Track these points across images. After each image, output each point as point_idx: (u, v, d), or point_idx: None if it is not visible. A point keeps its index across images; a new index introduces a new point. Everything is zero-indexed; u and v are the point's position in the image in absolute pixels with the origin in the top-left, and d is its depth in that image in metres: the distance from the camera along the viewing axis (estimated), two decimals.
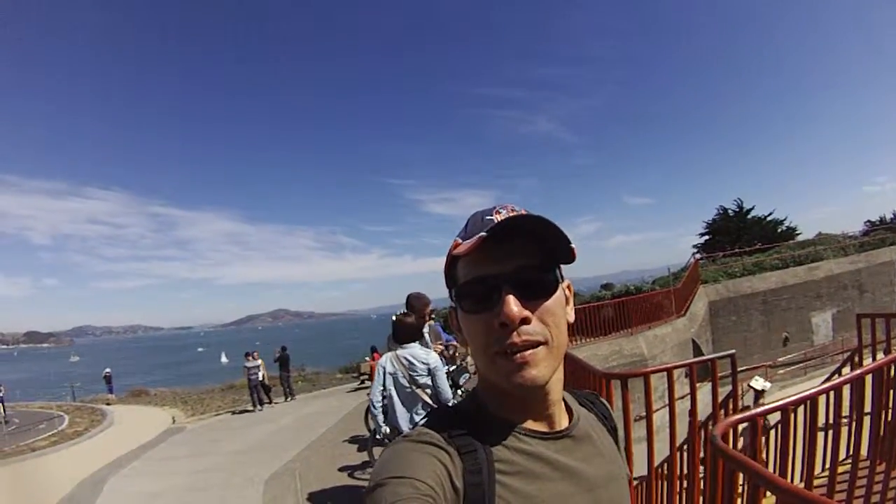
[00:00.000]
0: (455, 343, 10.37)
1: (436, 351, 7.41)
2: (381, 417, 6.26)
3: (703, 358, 4.60)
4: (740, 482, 2.60)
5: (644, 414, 4.26)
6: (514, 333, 0.92)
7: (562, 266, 1.05)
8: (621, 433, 1.30)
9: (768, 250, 27.50)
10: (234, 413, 20.69)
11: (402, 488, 0.82)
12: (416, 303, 7.03)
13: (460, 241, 1.01)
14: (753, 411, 2.96)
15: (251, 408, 20.35)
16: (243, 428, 17.11)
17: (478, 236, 0.92)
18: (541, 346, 0.94)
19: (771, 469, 5.49)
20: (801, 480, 3.41)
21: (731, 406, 4.99)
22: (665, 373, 4.30)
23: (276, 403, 21.20)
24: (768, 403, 3.00)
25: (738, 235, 34.26)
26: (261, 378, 20.50)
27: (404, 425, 5.70)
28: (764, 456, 5.67)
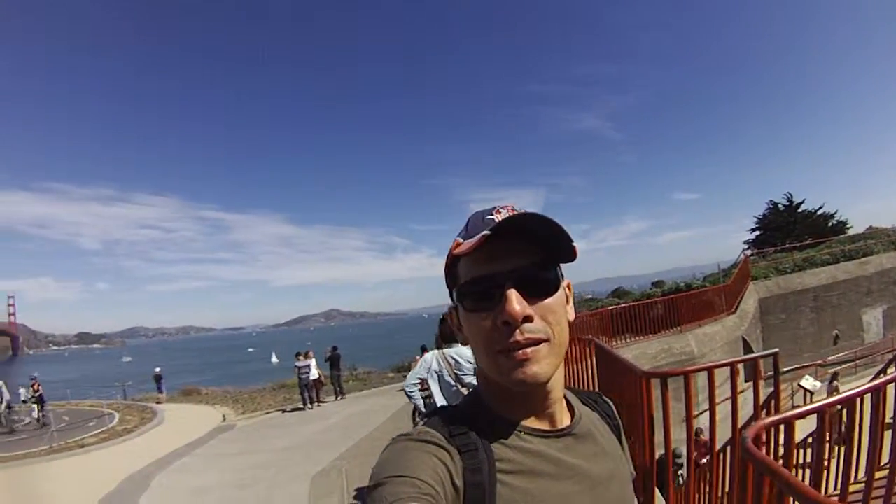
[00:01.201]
0: None
1: None
2: (417, 394, 6.37)
3: (744, 357, 4.53)
4: (770, 488, 2.58)
5: (695, 413, 4.20)
6: (517, 331, 0.94)
7: (563, 265, 1.07)
8: (659, 435, 1.27)
9: (818, 245, 27.29)
10: (284, 411, 21.11)
11: (402, 487, 0.84)
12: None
13: (461, 240, 1.03)
14: (787, 413, 2.92)
15: (301, 406, 20.71)
16: (292, 426, 17.42)
17: (480, 235, 0.94)
18: (542, 344, 0.96)
19: (807, 474, 5.35)
20: (835, 488, 3.31)
21: (772, 407, 4.86)
22: (707, 372, 4.22)
23: (325, 402, 21.57)
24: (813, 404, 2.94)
25: (788, 230, 33.99)
26: (315, 377, 20.84)
27: None
28: (802, 460, 5.51)
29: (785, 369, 17.90)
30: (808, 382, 11.52)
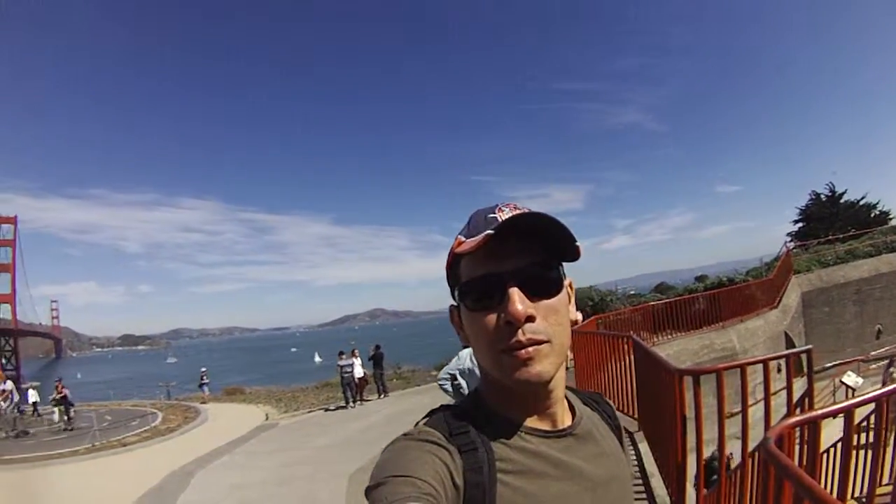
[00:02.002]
0: None
1: None
2: (448, 387, 6.54)
3: (777, 354, 4.44)
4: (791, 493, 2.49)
5: (737, 410, 4.13)
6: (519, 331, 0.94)
7: (566, 264, 1.07)
8: (692, 434, 1.23)
9: (861, 236, 26.71)
10: (326, 410, 21.44)
11: (402, 487, 0.84)
12: None
13: (463, 238, 1.03)
14: (812, 413, 2.89)
15: (344, 405, 20.96)
16: (334, 424, 17.66)
17: (483, 234, 0.95)
18: (545, 344, 0.96)
19: (832, 479, 5.17)
20: (860, 493, 3.23)
21: (806, 405, 4.75)
22: (740, 369, 4.15)
23: (368, 400, 21.84)
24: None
25: (831, 222, 33.33)
26: (359, 375, 21.06)
27: None
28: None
29: (828, 364, 17.72)
30: (850, 379, 11.22)
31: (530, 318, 0.95)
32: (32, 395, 29.60)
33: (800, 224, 36.83)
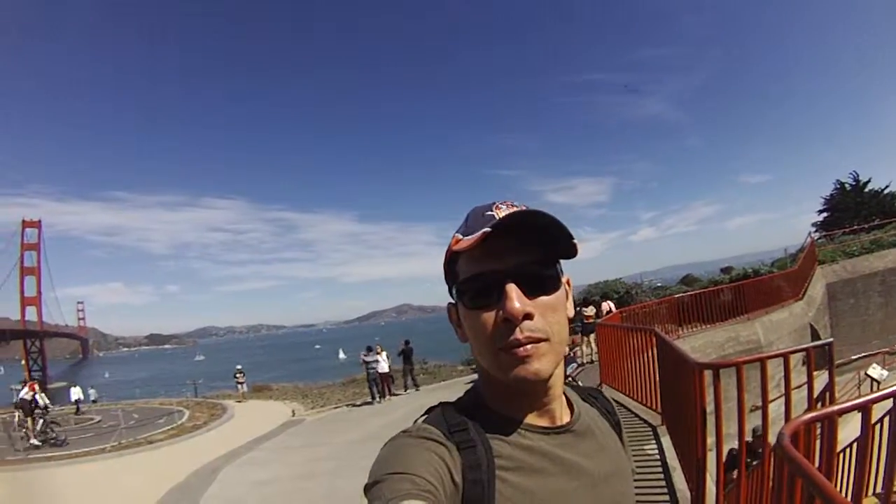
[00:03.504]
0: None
1: None
2: None
3: (799, 347, 4.43)
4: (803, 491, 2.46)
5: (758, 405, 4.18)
6: (517, 329, 0.97)
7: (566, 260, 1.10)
8: (711, 427, 1.30)
9: (886, 226, 26.27)
10: (352, 406, 21.74)
11: (401, 484, 0.86)
12: None
13: (461, 236, 1.05)
14: (829, 409, 2.86)
15: (370, 400, 21.22)
16: (359, 420, 17.95)
17: (481, 231, 0.97)
18: (543, 342, 0.98)
19: (846, 478, 5.18)
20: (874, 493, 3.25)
21: (827, 400, 4.75)
22: (760, 362, 4.19)
23: (397, 395, 22.17)
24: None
25: (856, 211, 32.90)
26: (384, 371, 21.27)
27: None
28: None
29: (853, 357, 17.59)
30: (876, 371, 11.12)
31: (528, 316, 0.97)
32: (75, 393, 30.41)
33: (824, 214, 36.53)
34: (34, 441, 18.76)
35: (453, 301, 1.10)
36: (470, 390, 1.15)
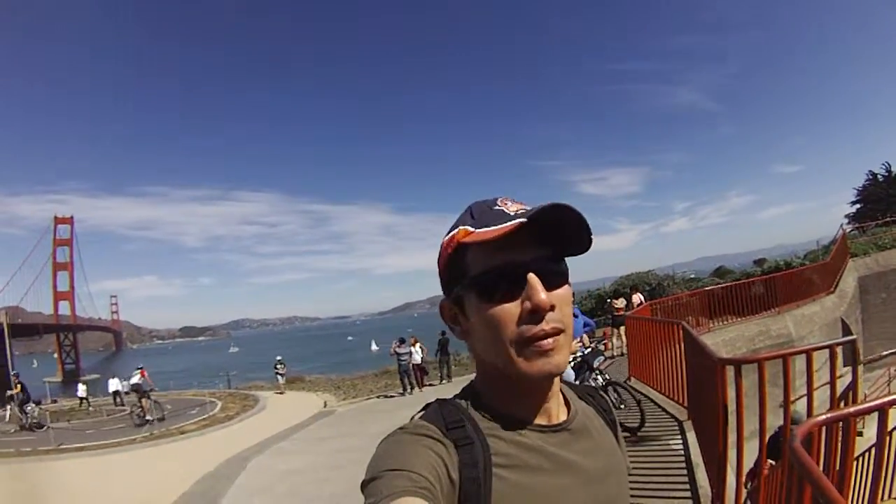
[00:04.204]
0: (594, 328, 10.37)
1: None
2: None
3: (822, 344, 4.33)
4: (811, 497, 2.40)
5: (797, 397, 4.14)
6: (543, 321, 0.98)
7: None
8: (732, 424, 1.29)
9: None
10: (384, 397, 21.99)
11: (398, 481, 0.86)
12: None
13: (471, 229, 1.03)
14: (844, 410, 2.76)
15: (402, 392, 21.48)
16: (390, 411, 18.12)
17: (517, 221, 0.96)
18: (561, 334, 1.00)
19: (862, 483, 5.08)
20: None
21: (849, 399, 4.66)
22: (783, 359, 4.12)
23: (432, 385, 22.48)
24: None
25: (889, 203, 32.42)
26: (417, 362, 21.44)
27: None
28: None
29: (885, 353, 17.50)
30: None
31: (552, 308, 0.98)
32: (113, 385, 31.03)
33: (857, 205, 36.15)
34: (149, 417, 21.46)
35: (457, 294, 1.08)
36: (466, 387, 1.16)
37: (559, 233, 1.01)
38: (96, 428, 21.86)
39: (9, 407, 24.17)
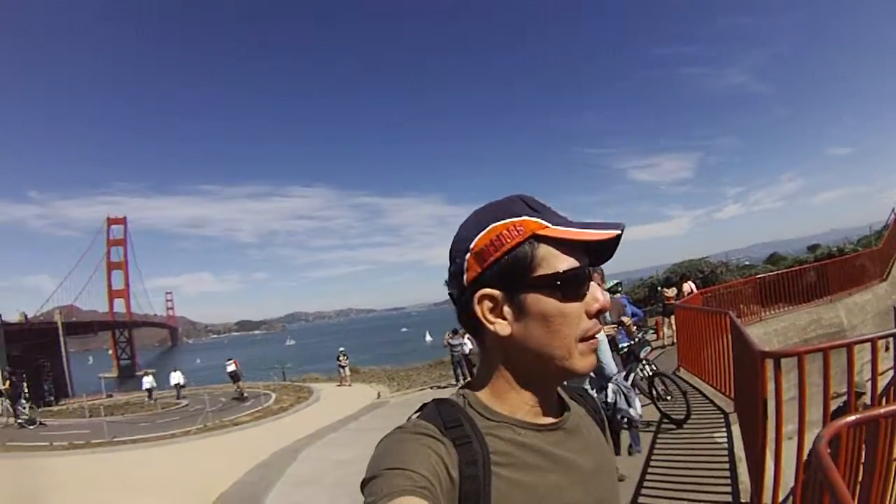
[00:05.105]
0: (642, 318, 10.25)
1: (628, 328, 7.53)
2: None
3: (864, 337, 4.16)
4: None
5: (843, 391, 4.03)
6: (597, 320, 1.09)
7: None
8: (772, 422, 1.30)
9: None
10: (437, 388, 22.24)
11: (398, 480, 0.87)
12: None
13: (545, 223, 1.04)
14: (874, 412, 2.73)
15: (454, 382, 21.55)
16: None
17: (615, 231, 1.04)
18: None
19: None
20: None
21: (891, 395, 4.49)
22: (823, 353, 4.01)
23: None
24: None
25: None
26: (467, 353, 21.53)
27: None
28: None
29: None
30: None
31: None
32: (175, 378, 32.10)
33: None
34: (246, 394, 27.33)
35: (509, 285, 1.05)
36: (464, 386, 1.18)
37: (597, 246, 1.07)
38: (151, 421, 22.54)
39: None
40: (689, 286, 19.52)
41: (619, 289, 9.71)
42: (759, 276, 18.55)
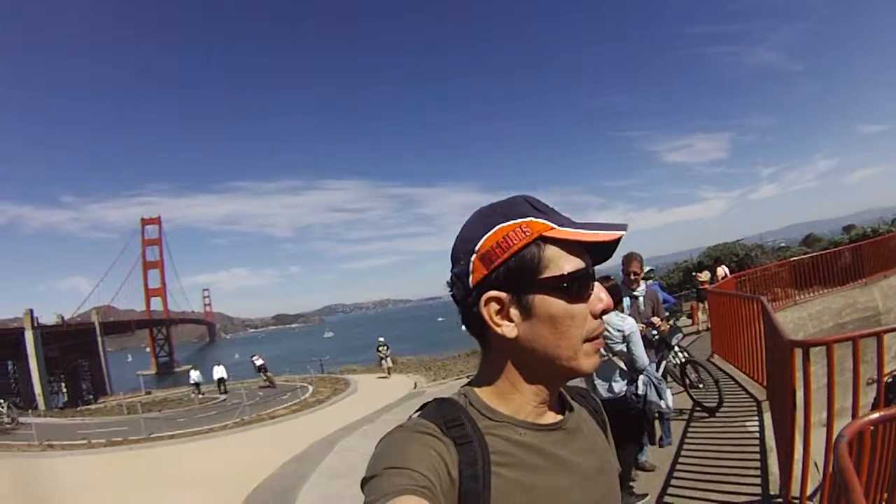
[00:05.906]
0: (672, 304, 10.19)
1: (659, 321, 7.48)
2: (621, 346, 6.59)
3: (892, 326, 4.07)
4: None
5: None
6: (601, 320, 1.10)
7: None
8: (800, 415, 1.31)
9: None
10: (473, 377, 21.93)
11: (398, 479, 0.88)
12: (623, 261, 7.13)
13: (551, 224, 1.05)
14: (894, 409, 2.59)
15: None
16: None
17: (618, 232, 1.07)
18: None
19: None
20: None
21: None
22: (852, 342, 3.94)
23: None
24: None
25: None
26: None
27: (603, 394, 5.76)
28: None
29: None
30: None
31: None
32: (218, 372, 32.68)
33: None
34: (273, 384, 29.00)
35: (521, 286, 1.05)
36: (464, 386, 1.18)
37: (598, 246, 1.09)
38: (188, 416, 22.92)
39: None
40: (722, 270, 19.30)
41: (653, 275, 9.63)
42: (793, 259, 18.25)
